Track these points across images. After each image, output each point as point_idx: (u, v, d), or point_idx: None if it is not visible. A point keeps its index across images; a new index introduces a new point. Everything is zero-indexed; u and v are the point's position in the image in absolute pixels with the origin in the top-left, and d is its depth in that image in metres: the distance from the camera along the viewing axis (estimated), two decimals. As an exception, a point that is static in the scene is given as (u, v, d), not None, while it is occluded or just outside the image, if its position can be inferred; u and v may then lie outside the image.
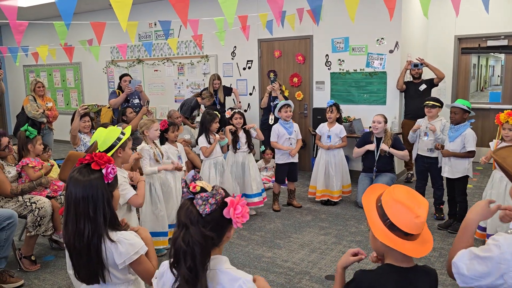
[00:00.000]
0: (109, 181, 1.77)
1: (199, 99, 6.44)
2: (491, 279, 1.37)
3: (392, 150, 4.80)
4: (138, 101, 6.12)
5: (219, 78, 6.55)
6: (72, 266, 1.75)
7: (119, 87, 6.20)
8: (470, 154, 4.12)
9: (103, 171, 1.75)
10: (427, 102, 4.60)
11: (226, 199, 1.40)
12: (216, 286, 1.40)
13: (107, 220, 1.72)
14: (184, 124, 6.34)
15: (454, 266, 1.45)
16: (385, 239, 1.45)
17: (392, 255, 1.48)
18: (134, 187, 2.85)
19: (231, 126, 4.77)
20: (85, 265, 1.71)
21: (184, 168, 4.30)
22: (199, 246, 1.35)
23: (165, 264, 1.48)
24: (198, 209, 1.37)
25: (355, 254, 1.61)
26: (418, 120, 4.76)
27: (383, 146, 4.81)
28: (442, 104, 4.65)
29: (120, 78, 6.24)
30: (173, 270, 1.39)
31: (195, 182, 1.42)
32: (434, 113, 4.54)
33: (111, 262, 1.73)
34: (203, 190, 1.40)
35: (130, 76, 6.32)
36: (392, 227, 1.44)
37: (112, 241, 1.72)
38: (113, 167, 1.78)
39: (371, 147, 4.92)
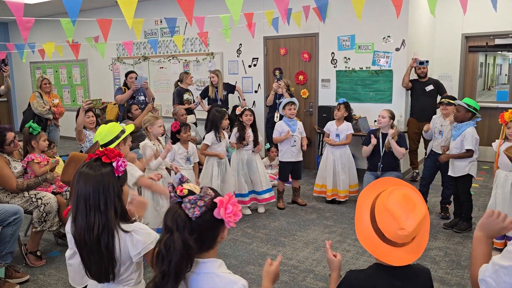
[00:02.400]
0: (120, 174, 1.75)
1: (181, 85, 6.61)
2: None
3: (393, 142, 4.72)
4: (144, 98, 6.14)
5: (214, 73, 6.57)
6: (83, 263, 1.72)
7: (125, 84, 6.22)
8: (468, 153, 4.06)
9: (114, 164, 1.74)
10: (442, 99, 4.56)
11: (215, 200, 1.35)
12: None
13: (118, 214, 1.70)
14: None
15: (482, 283, 1.36)
16: (367, 244, 1.44)
17: None
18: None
19: (234, 144, 4.72)
20: (96, 262, 1.68)
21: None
22: (178, 254, 1.31)
23: None
24: (187, 213, 1.33)
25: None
26: (433, 117, 4.71)
27: (390, 133, 4.68)
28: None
29: (126, 75, 6.26)
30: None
31: (182, 185, 1.37)
32: (449, 111, 4.48)
33: (124, 256, 1.71)
34: (191, 193, 1.35)
35: (135, 73, 6.34)
36: (379, 232, 1.42)
37: (126, 231, 1.70)
38: (123, 160, 1.77)
39: (374, 141, 4.87)
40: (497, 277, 1.30)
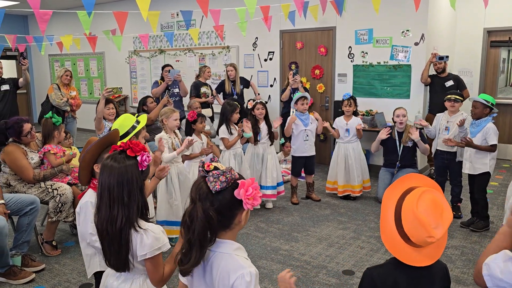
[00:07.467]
0: (143, 169, 1.77)
1: (199, 78, 6.60)
2: None
3: (420, 143, 4.68)
4: (178, 91, 6.22)
5: (233, 66, 6.54)
6: (103, 253, 1.75)
7: (162, 78, 6.29)
8: (492, 148, 3.98)
9: (138, 158, 1.75)
10: (449, 96, 4.48)
11: (238, 181, 1.41)
12: (216, 268, 1.41)
13: (140, 208, 1.72)
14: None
15: (486, 267, 1.37)
16: (391, 246, 1.43)
17: None
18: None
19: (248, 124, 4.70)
20: (116, 252, 1.71)
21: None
22: (201, 223, 1.38)
23: None
24: (208, 186, 1.39)
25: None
26: (437, 114, 4.64)
27: (415, 135, 4.66)
28: (463, 98, 4.55)
29: (162, 68, 6.35)
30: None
31: (210, 162, 1.46)
32: (457, 107, 4.43)
33: (134, 252, 1.73)
34: (216, 169, 1.43)
35: (171, 66, 6.38)
36: (404, 235, 1.41)
37: (137, 231, 1.71)
38: (148, 155, 1.78)
39: (382, 136, 4.79)
40: (505, 267, 1.32)
